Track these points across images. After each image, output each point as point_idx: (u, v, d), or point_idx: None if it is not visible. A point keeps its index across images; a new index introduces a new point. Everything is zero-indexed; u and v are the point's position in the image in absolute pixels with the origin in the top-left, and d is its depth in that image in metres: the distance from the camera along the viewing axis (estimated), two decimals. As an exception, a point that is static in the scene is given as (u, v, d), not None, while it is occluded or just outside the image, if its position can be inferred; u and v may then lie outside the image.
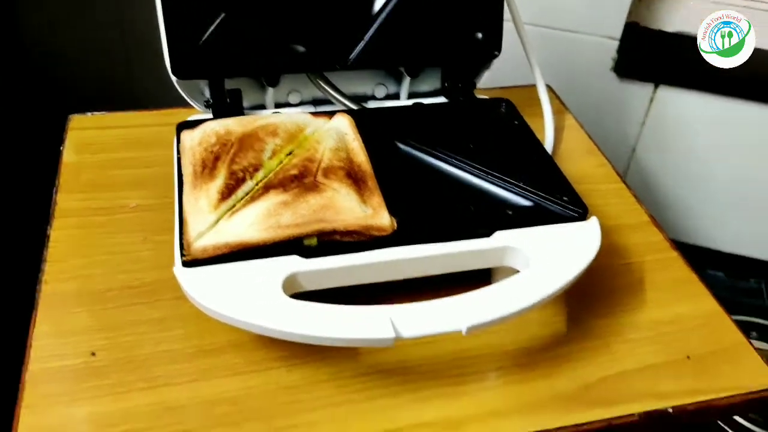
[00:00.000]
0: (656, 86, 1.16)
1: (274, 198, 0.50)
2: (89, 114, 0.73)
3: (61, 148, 0.69)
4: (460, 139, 0.60)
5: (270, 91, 0.67)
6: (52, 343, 0.50)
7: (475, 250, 0.50)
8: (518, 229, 0.51)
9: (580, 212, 0.53)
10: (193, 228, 0.49)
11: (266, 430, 0.45)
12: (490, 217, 0.52)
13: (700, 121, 1.19)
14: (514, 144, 0.62)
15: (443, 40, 0.67)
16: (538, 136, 0.64)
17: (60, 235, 0.59)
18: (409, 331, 0.44)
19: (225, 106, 0.64)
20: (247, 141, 0.55)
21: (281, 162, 0.54)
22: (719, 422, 0.91)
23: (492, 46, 0.67)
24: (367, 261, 0.49)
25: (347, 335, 0.43)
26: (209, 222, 0.49)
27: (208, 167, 0.53)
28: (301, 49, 0.63)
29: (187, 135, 0.58)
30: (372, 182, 0.53)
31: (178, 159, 0.56)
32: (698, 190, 1.25)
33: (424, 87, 0.71)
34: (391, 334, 0.43)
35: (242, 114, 0.65)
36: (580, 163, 0.74)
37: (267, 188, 0.51)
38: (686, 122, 1.20)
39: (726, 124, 1.15)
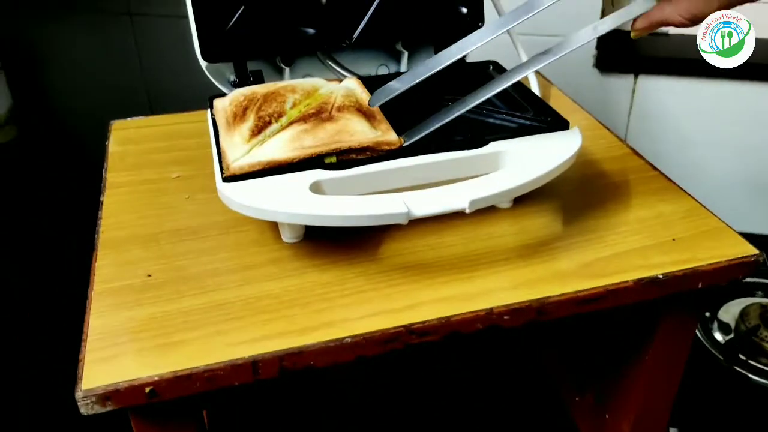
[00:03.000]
0: (636, 77, 1.24)
1: (297, 128, 0.58)
2: (128, 119, 0.82)
3: (107, 143, 0.77)
4: (455, 89, 0.68)
5: (286, 72, 0.75)
6: (113, 270, 0.57)
7: (472, 156, 0.58)
8: (509, 139, 0.59)
9: (563, 125, 0.61)
10: (230, 155, 0.57)
11: (305, 313, 0.52)
12: (483, 132, 0.60)
13: (682, 105, 1.25)
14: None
15: (431, 15, 0.75)
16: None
17: (112, 201, 0.67)
18: (420, 210, 0.51)
19: (248, 84, 0.72)
20: (271, 96, 0.63)
21: (301, 111, 0.62)
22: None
23: (475, 19, 0.76)
24: (379, 168, 0.56)
25: (367, 212, 0.51)
26: (244, 150, 0.57)
27: (238, 116, 0.61)
28: (310, 31, 0.72)
29: (218, 101, 0.66)
30: (380, 115, 0.61)
31: (213, 119, 0.65)
32: (692, 173, 1.30)
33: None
34: (403, 209, 0.50)
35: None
36: (565, 117, 0.82)
37: (290, 123, 0.59)
38: (669, 107, 1.27)
39: (708, 103, 1.22)
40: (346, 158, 0.57)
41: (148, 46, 1.38)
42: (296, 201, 0.53)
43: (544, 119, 0.63)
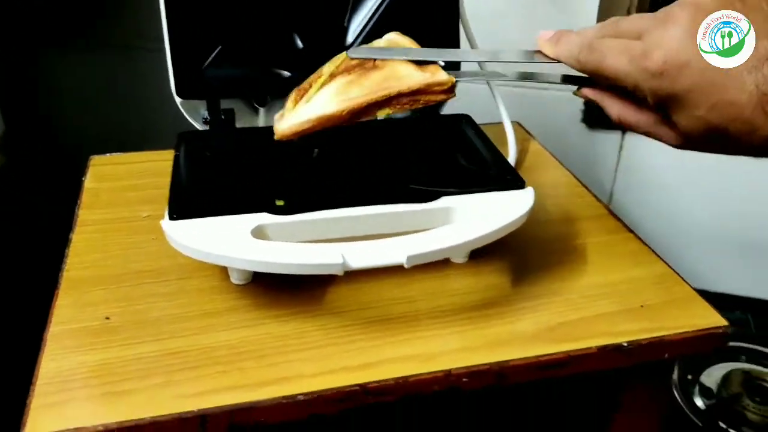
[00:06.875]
0: (624, 132, 1.24)
1: (342, 80, 0.57)
2: (107, 155, 0.81)
3: (83, 178, 0.77)
4: (426, 142, 0.69)
5: (261, 112, 0.76)
6: (72, 311, 0.56)
7: (421, 210, 0.57)
8: (462, 195, 0.58)
9: (519, 183, 0.60)
10: (277, 125, 0.56)
11: (259, 366, 0.51)
12: (438, 184, 0.59)
13: (670, 163, 1.25)
14: (469, 144, 0.69)
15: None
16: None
17: (80, 238, 0.66)
18: (356, 262, 0.50)
19: (220, 123, 0.73)
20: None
21: (341, 62, 0.59)
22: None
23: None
24: (324, 216, 0.56)
25: (302, 261, 0.50)
26: (292, 114, 0.56)
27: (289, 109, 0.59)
28: (285, 74, 0.72)
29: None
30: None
31: (177, 156, 0.65)
32: (678, 231, 1.30)
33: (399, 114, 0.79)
34: (339, 261, 0.50)
35: (237, 130, 0.74)
36: (545, 175, 0.81)
37: (332, 76, 0.58)
38: (656, 165, 1.27)
39: (695, 163, 1.21)
40: (400, 109, 0.56)
41: (141, 80, 1.38)
42: (233, 245, 0.52)
43: (500, 177, 0.62)
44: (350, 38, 0.72)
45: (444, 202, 0.58)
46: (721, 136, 0.47)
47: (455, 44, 0.74)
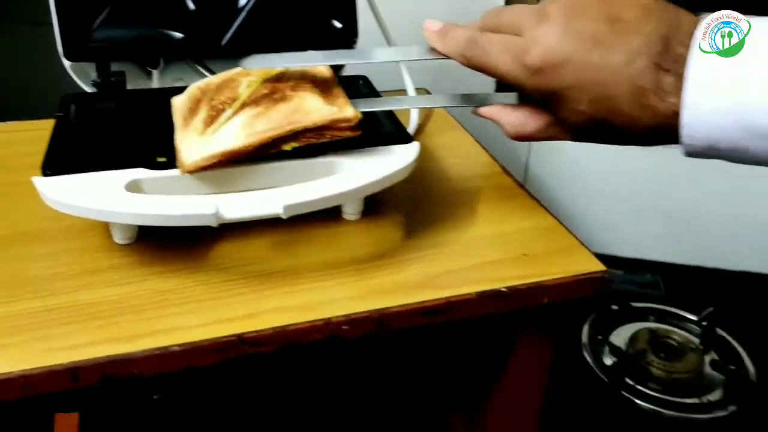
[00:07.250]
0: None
1: (249, 112, 0.57)
2: (5, 123, 0.79)
3: (-25, 147, 0.75)
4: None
5: (154, 75, 0.74)
6: (-56, 275, 0.56)
7: (304, 164, 0.57)
8: (349, 149, 0.59)
9: (405, 138, 0.61)
10: (184, 152, 0.55)
11: (137, 320, 0.50)
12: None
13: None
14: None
15: (304, 28, 0.74)
16: (404, 118, 0.69)
17: (-41, 206, 0.66)
18: (231, 213, 0.51)
19: (109, 85, 0.72)
20: (225, 83, 0.61)
21: (253, 88, 0.59)
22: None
23: (350, 34, 0.76)
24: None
25: (175, 212, 0.50)
26: (198, 143, 0.55)
27: (193, 110, 0.59)
28: (177, 36, 0.71)
29: (175, 99, 0.62)
30: (337, 89, 0.60)
31: (58, 117, 0.63)
32: (592, 200, 1.33)
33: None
34: (211, 211, 0.50)
35: (125, 92, 0.73)
36: (445, 138, 0.82)
37: (242, 106, 0.57)
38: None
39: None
40: (305, 142, 0.55)
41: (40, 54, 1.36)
42: (104, 198, 0.52)
43: (387, 133, 0.62)
44: (242, 0, 0.72)
45: (328, 156, 0.58)
46: (605, 128, 0.49)
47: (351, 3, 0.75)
